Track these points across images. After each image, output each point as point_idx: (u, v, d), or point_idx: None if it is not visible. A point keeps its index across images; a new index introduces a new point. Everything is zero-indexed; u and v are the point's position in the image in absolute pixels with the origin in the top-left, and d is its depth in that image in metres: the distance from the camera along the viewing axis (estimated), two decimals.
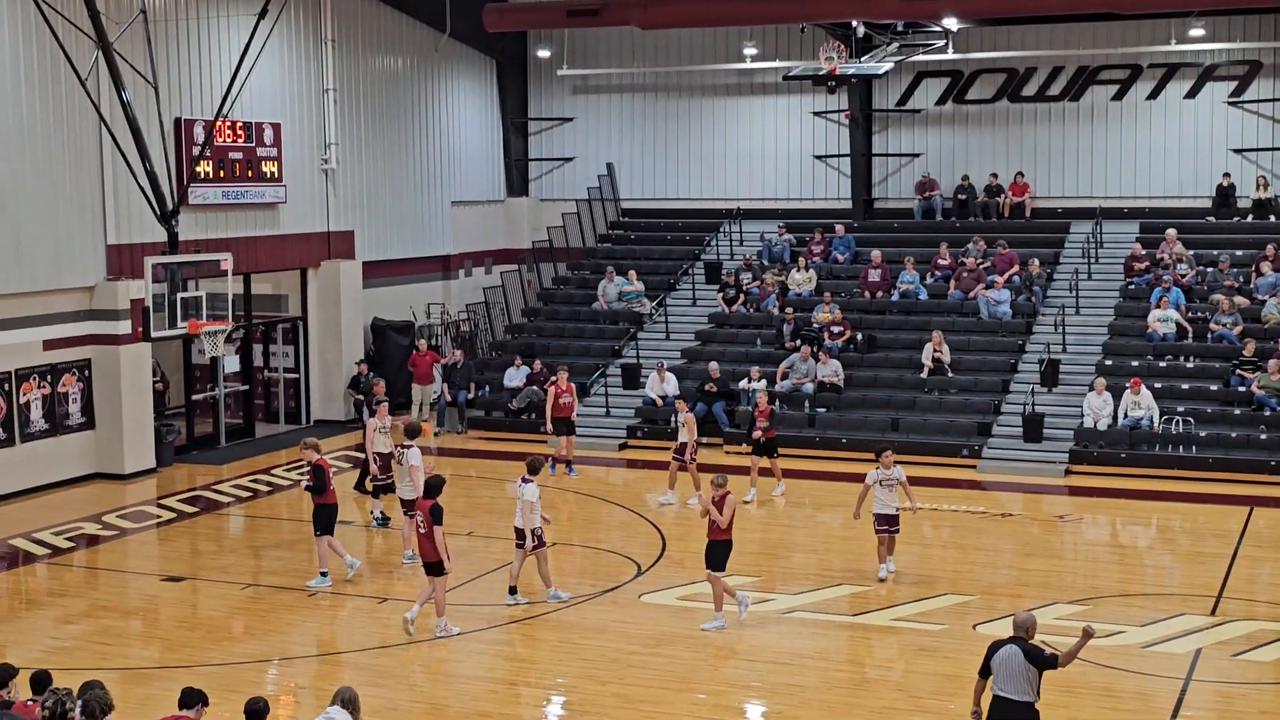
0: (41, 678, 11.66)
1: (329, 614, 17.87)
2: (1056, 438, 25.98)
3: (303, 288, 30.26)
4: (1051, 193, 33.00)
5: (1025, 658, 11.37)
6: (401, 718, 14.07)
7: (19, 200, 23.43)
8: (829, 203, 34.55)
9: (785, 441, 26.97)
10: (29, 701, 11.50)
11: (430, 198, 33.87)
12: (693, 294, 32.66)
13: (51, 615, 17.86)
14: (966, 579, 19.03)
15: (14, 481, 23.66)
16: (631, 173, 36.38)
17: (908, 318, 30.07)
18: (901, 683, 15.14)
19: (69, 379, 24.69)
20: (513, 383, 29.76)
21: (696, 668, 15.60)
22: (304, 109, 29.56)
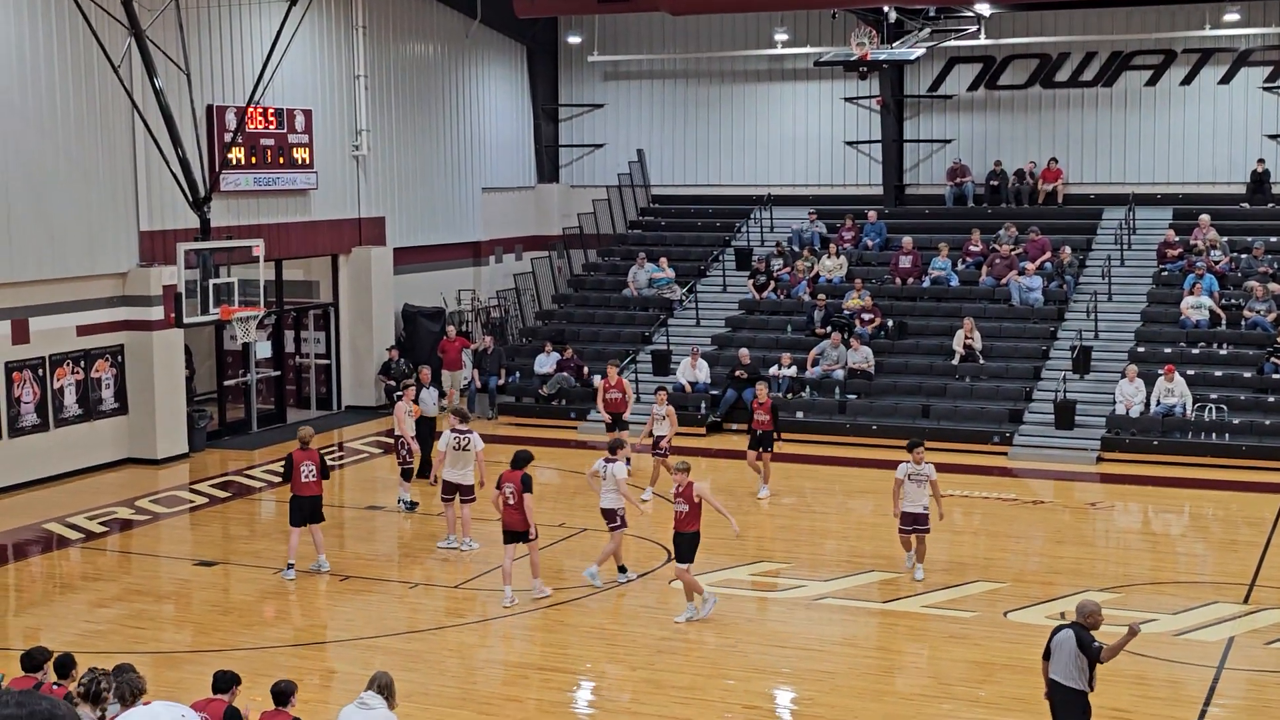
0: (65, 661, 11.73)
1: (361, 598, 17.93)
2: (1088, 425, 25.87)
3: (334, 274, 30.34)
4: (1084, 179, 32.84)
5: (1076, 644, 11.41)
6: (432, 702, 14.11)
7: (53, 187, 23.55)
8: (860, 189, 34.47)
9: (817, 428, 27.00)
10: (55, 685, 11.58)
11: (461, 184, 33.91)
12: (723, 280, 32.62)
13: (85, 599, 17.97)
14: (997, 566, 18.98)
15: (48, 466, 23.81)
16: (662, 159, 36.34)
17: (939, 304, 29.98)
18: (931, 669, 15.12)
19: (102, 365, 24.83)
20: (543, 369, 29.79)
21: (726, 654, 15.60)
22: (335, 95, 29.62)
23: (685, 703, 14.16)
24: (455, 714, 13.92)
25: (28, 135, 23.07)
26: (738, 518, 19.38)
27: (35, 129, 23.21)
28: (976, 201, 33.20)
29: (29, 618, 17.22)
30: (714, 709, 14.02)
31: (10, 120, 22.74)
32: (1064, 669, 11.47)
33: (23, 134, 22.98)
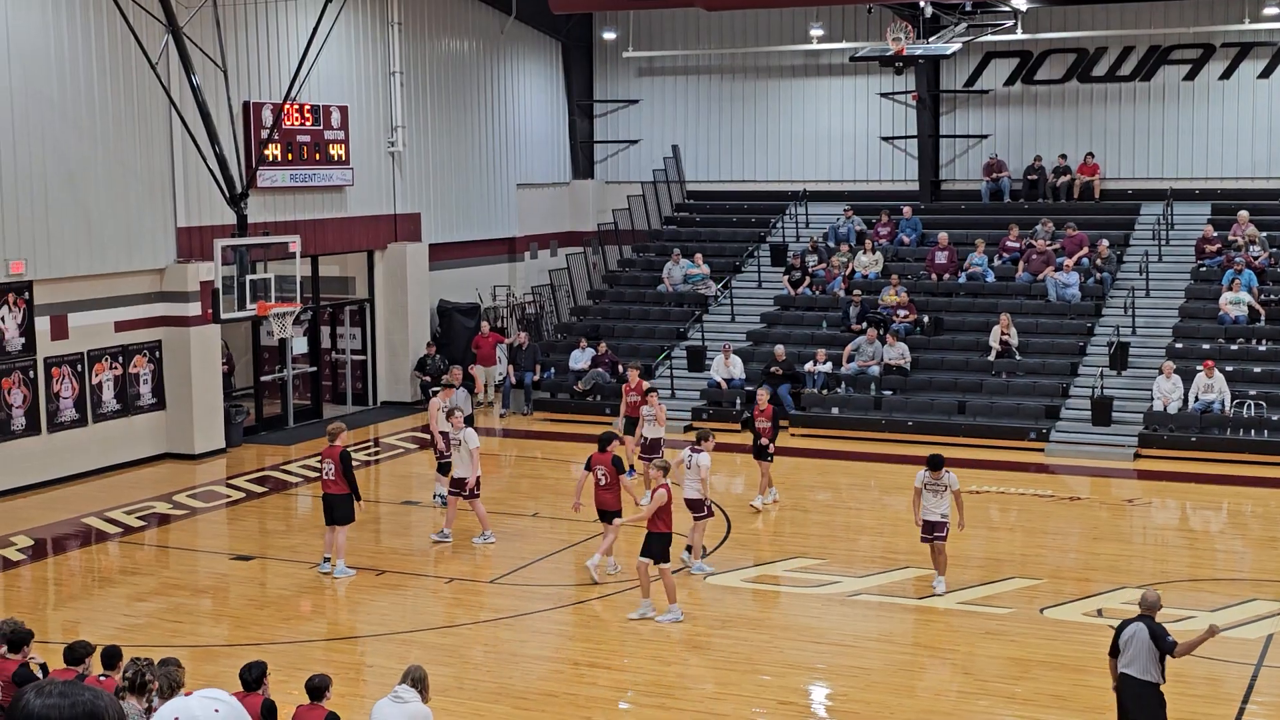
0: (113, 653, 11.84)
1: (396, 593, 17.99)
2: (1126, 421, 25.73)
3: (369, 270, 30.44)
4: (1122, 174, 32.65)
5: (1150, 637, 11.37)
6: (467, 697, 14.15)
7: (91, 183, 23.70)
8: (896, 184, 34.37)
9: (852, 424, 26.93)
10: (102, 676, 11.67)
11: (496, 180, 33.97)
12: (758, 276, 32.58)
13: (124, 593, 18.09)
14: (1034, 562, 18.90)
15: (87, 461, 23.97)
16: (697, 155, 36.32)
17: (975, 300, 29.87)
18: (967, 666, 15.06)
19: (140, 360, 24.97)
20: (578, 365, 29.82)
21: (761, 649, 15.58)
22: (371, 92, 29.71)
23: (719, 698, 14.15)
24: (490, 709, 13.95)
25: (66, 133, 23.22)
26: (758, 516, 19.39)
27: (74, 126, 23.36)
28: (1013, 197, 33.06)
29: (68, 611, 17.35)
30: (748, 704, 14.01)
31: (49, 118, 22.90)
32: (1140, 664, 11.42)
33: (61, 131, 23.13)
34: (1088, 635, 15.95)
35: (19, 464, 22.81)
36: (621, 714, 14.22)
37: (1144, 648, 11.43)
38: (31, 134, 22.59)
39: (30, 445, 23.03)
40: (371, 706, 11.02)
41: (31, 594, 18.21)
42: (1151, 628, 11.47)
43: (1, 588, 18.49)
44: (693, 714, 13.76)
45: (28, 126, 22.52)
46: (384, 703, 10.81)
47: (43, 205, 22.84)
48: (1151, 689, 11.46)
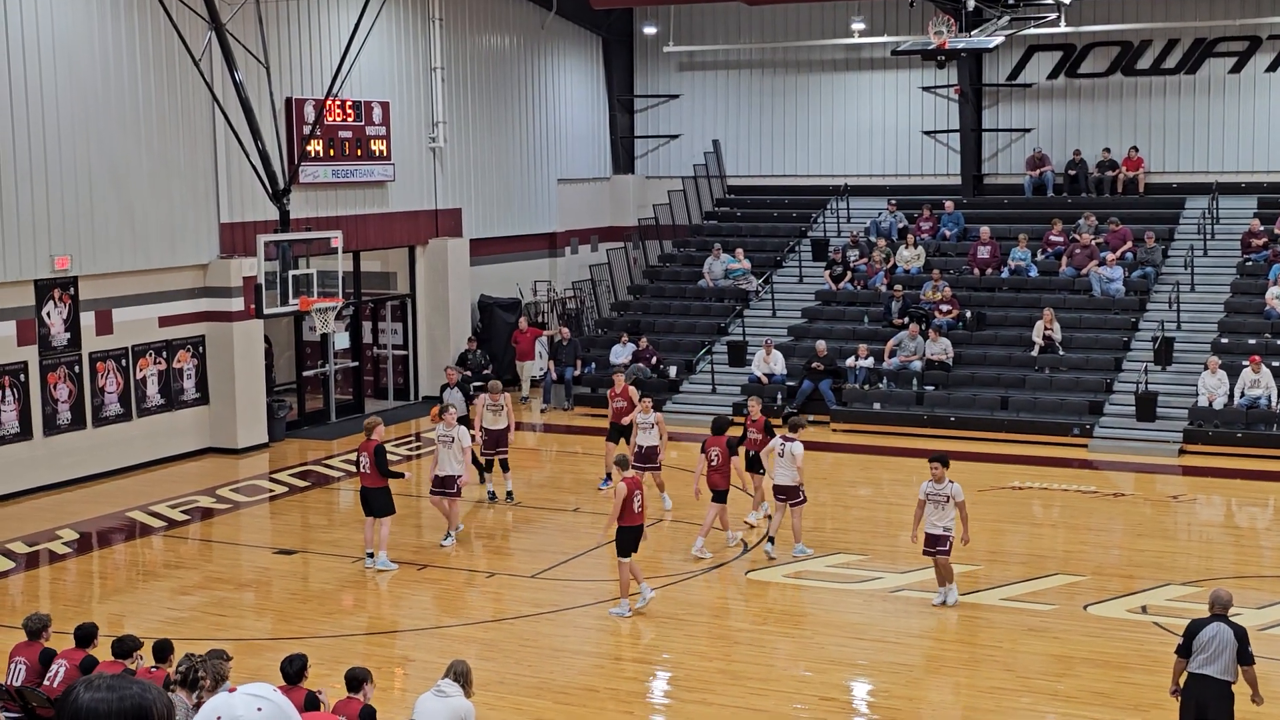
0: (164, 646, 11.96)
1: (438, 587, 18.04)
2: (1170, 417, 25.54)
3: (411, 265, 30.53)
4: (1166, 168, 32.40)
5: (1235, 639, 11.30)
6: (509, 691, 14.18)
7: (135, 180, 23.86)
8: (938, 179, 34.22)
9: (894, 419, 26.84)
10: (152, 669, 11.79)
11: (537, 175, 34.01)
12: (799, 271, 32.50)
13: (168, 587, 18.20)
14: (1077, 559, 18.79)
15: (131, 455, 24.14)
16: (738, 149, 36.26)
17: (1018, 295, 29.72)
18: (1009, 663, 14.99)
19: (184, 355, 25.13)
20: (618, 360, 29.82)
21: (803, 645, 15.55)
22: (412, 88, 29.79)
23: (761, 694, 14.13)
24: (532, 703, 13.97)
25: (111, 129, 23.38)
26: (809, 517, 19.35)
27: (118, 123, 23.52)
28: (1056, 191, 32.87)
29: (113, 604, 17.47)
30: (789, 700, 13.99)
31: (94, 114, 23.05)
32: (1222, 663, 11.34)
33: (106, 128, 23.28)
34: (1131, 632, 15.86)
35: (65, 458, 22.99)
36: (665, 709, 14.21)
37: (1228, 648, 11.32)
38: (77, 131, 22.76)
39: (76, 440, 23.21)
40: (414, 701, 11.06)
41: (77, 587, 18.36)
42: (1236, 631, 11.37)
43: (48, 581, 18.66)
44: (734, 710, 13.74)
45: (73, 124, 22.69)
46: (427, 697, 10.85)
47: (88, 202, 23.00)
48: (1228, 688, 11.39)
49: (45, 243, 22.37)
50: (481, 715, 11.62)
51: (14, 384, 22.21)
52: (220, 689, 10.95)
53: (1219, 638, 11.36)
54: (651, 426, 21.05)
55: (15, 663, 12.42)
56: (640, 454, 20.85)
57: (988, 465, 24.11)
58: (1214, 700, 11.47)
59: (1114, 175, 32.24)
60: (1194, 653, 11.47)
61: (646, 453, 20.97)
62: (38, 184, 22.18)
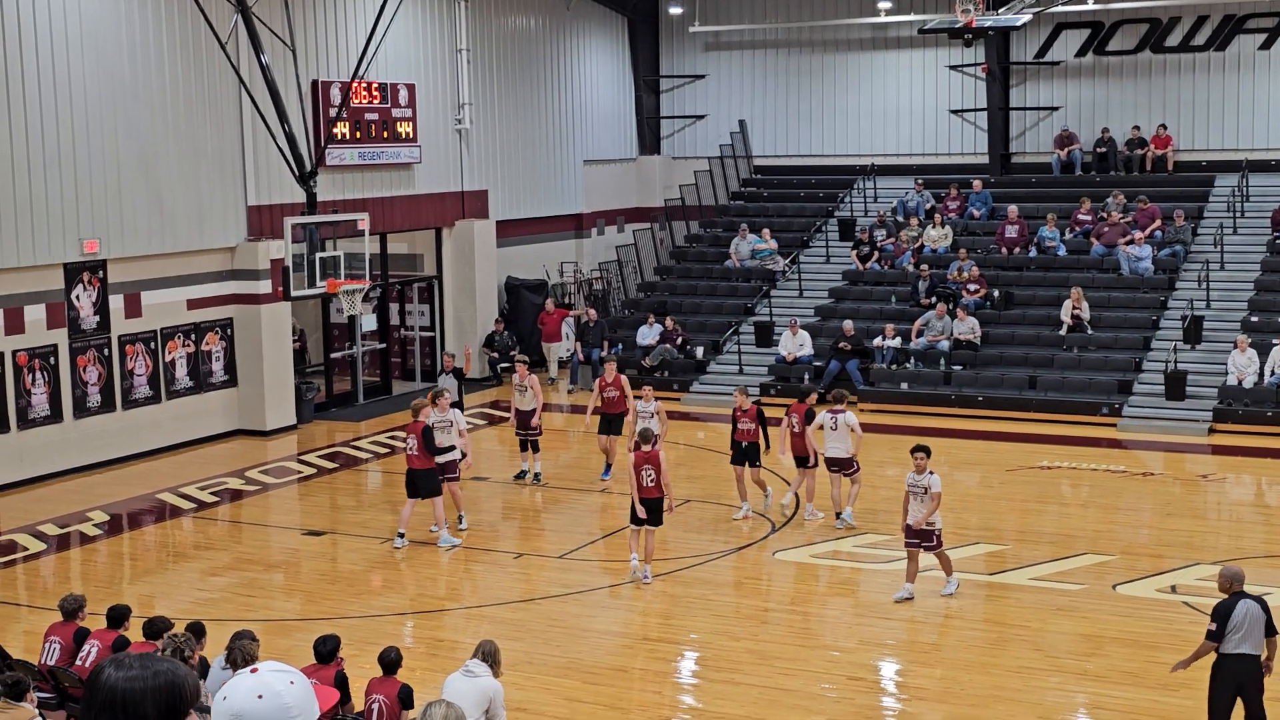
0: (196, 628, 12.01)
1: (466, 568, 18.09)
2: (1200, 396, 25.41)
3: (437, 247, 30.56)
4: (1195, 145, 32.19)
5: (1264, 612, 11.32)
6: (538, 671, 14.22)
7: (162, 163, 23.93)
8: (965, 158, 34.07)
9: (922, 399, 26.76)
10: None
11: (562, 156, 33.99)
12: (826, 251, 32.43)
13: (198, 568, 18.30)
14: (1106, 538, 18.72)
15: (161, 438, 24.26)
16: (764, 129, 36.16)
17: (1046, 274, 29.58)
18: (1038, 642, 14.96)
19: (212, 338, 25.22)
20: (645, 341, 29.83)
21: (831, 625, 15.56)
22: (438, 70, 29.79)
23: (789, 674, 14.14)
24: (560, 683, 14.01)
25: (139, 113, 23.45)
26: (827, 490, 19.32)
27: (145, 106, 23.58)
28: (1084, 169, 32.69)
29: (144, 585, 17.58)
30: (818, 680, 13.99)
31: (121, 98, 23.12)
32: (1254, 639, 11.36)
33: (133, 111, 23.35)
34: (1160, 612, 15.82)
35: (95, 440, 23.12)
36: (693, 689, 14.24)
37: (1259, 624, 11.31)
38: (104, 115, 22.83)
39: (105, 422, 23.33)
40: (443, 680, 11.10)
41: (108, 568, 18.48)
42: (1260, 604, 11.38)
43: (79, 562, 18.78)
44: (761, 689, 13.75)
45: (101, 108, 22.77)
46: (455, 676, 10.89)
47: (116, 185, 23.09)
48: (1260, 663, 11.40)
49: (74, 226, 22.47)
50: (510, 695, 11.66)
51: (44, 367, 22.33)
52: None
53: (1249, 614, 11.34)
54: (652, 415, 20.10)
55: (50, 642, 12.56)
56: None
57: (1016, 445, 24.06)
58: (1248, 677, 11.47)
59: (1143, 153, 32.05)
60: (1228, 634, 11.42)
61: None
62: (66, 168, 22.27)
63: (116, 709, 3.51)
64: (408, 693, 10.97)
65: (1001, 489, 21.51)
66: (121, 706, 3.52)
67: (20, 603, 17.11)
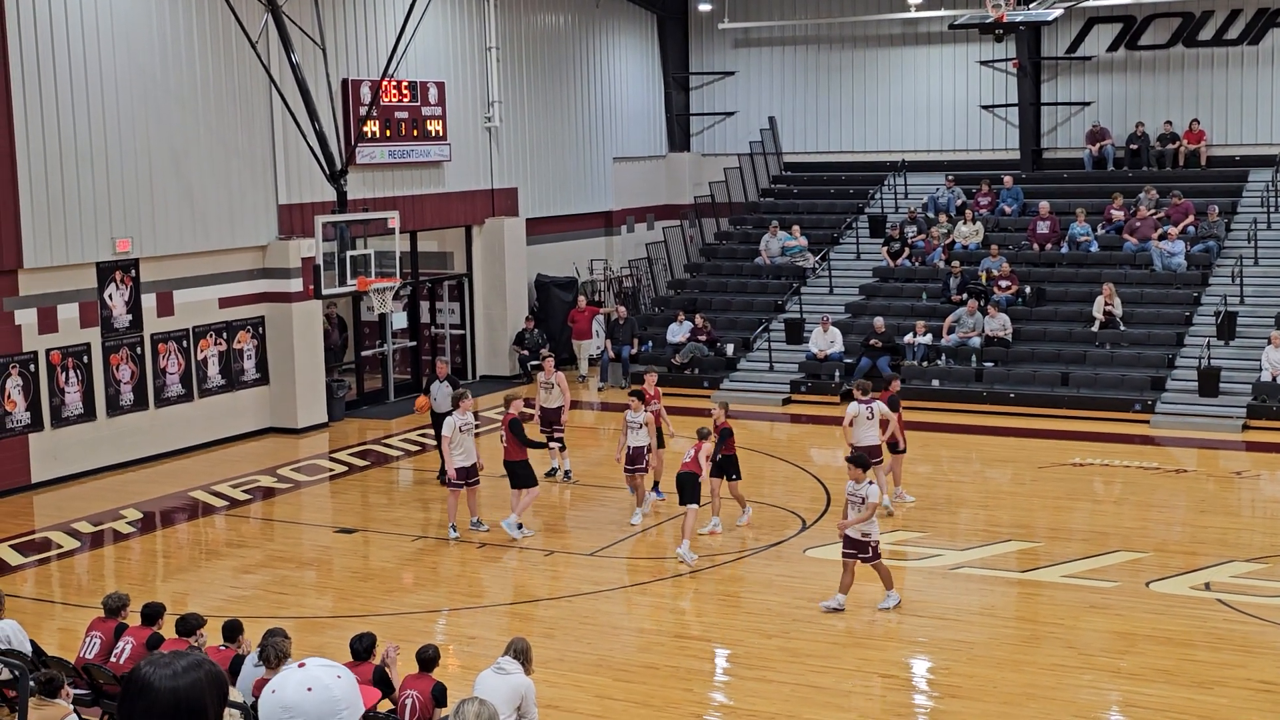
0: (233, 626, 12.14)
1: (497, 566, 18.11)
2: (1234, 392, 25.26)
3: (467, 245, 30.61)
4: (1229, 140, 31.98)
5: None
6: (569, 669, 14.22)
7: (194, 162, 24.03)
8: (996, 153, 33.93)
9: (953, 396, 26.66)
10: (221, 647, 11.95)
11: (592, 154, 34.00)
12: (857, 248, 32.35)
13: (230, 565, 18.37)
14: (1139, 536, 18.62)
15: (193, 436, 24.36)
16: (794, 126, 36.09)
17: (1078, 270, 29.45)
18: (1071, 640, 14.88)
19: (244, 336, 25.31)
20: (675, 338, 29.82)
21: (862, 623, 15.51)
22: (467, 68, 29.83)
23: (821, 671, 14.11)
24: (591, 680, 14.01)
25: (170, 111, 23.55)
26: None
27: (177, 105, 23.68)
28: (1117, 165, 32.52)
29: (177, 583, 17.65)
30: (849, 677, 13.96)
31: (153, 97, 23.23)
32: None
33: (165, 110, 23.45)
34: (1194, 609, 15.73)
35: (128, 439, 23.24)
36: (724, 687, 14.22)
37: None
38: (136, 115, 22.94)
39: (138, 420, 23.45)
40: (474, 678, 11.11)
41: (141, 566, 18.56)
42: None
43: (113, 560, 18.88)
44: (793, 686, 13.73)
45: (132, 107, 22.87)
46: (487, 674, 10.90)
47: (148, 184, 23.20)
48: None
49: (106, 225, 22.58)
50: (542, 692, 11.66)
51: (77, 365, 22.45)
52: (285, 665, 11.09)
53: None
54: (640, 427, 19.47)
55: (91, 636, 12.67)
56: (628, 456, 19.53)
57: (1048, 441, 23.96)
58: None
59: (1175, 148, 31.86)
60: None
61: (633, 455, 19.48)
62: (99, 167, 22.39)
63: (182, 711, 3.58)
64: (441, 690, 10.99)
65: (1034, 486, 21.42)
66: (186, 707, 3.58)
67: (55, 600, 17.21)
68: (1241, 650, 14.37)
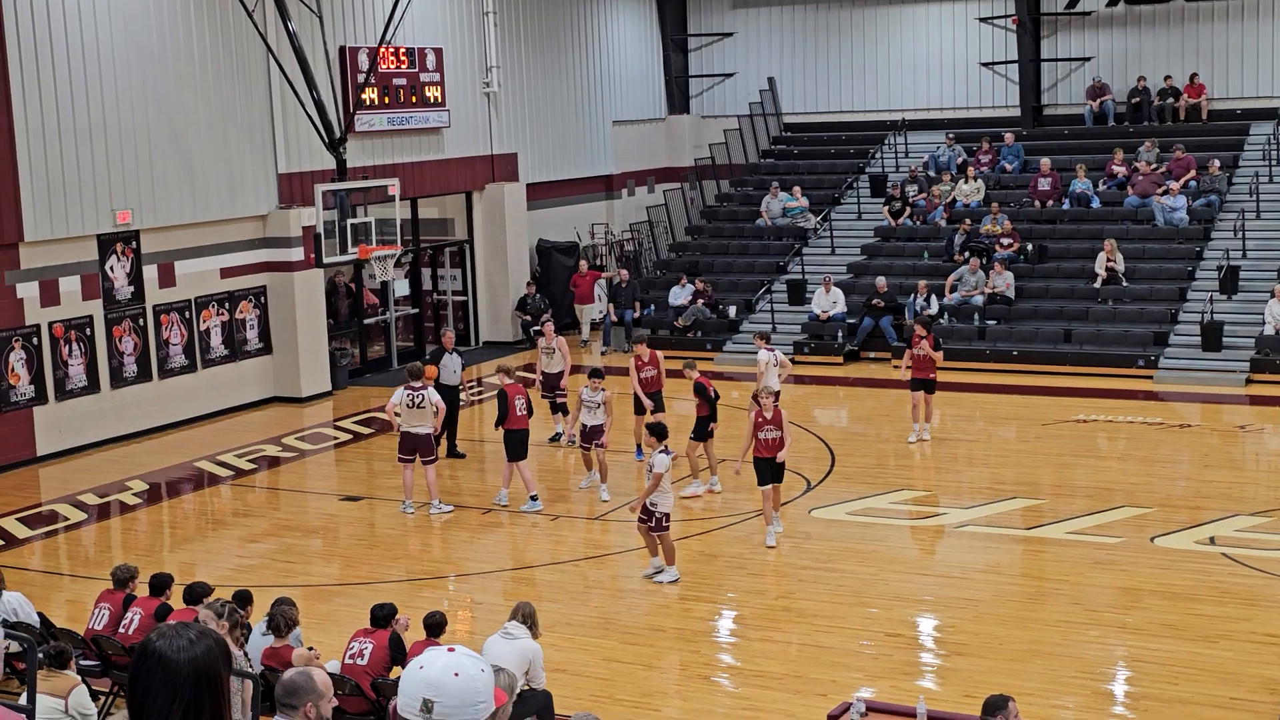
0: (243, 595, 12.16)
1: (502, 531, 18.15)
2: (1236, 346, 25.24)
3: (468, 211, 30.56)
4: (1230, 94, 31.85)
5: None
6: (576, 632, 14.27)
7: (193, 133, 23.97)
8: (996, 111, 33.81)
9: (956, 355, 26.63)
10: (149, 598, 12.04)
11: (591, 118, 33.90)
12: (858, 208, 32.28)
13: (236, 534, 18.43)
14: (1143, 491, 18.65)
15: (197, 406, 24.39)
16: (793, 86, 35.97)
17: (1079, 226, 29.38)
18: (1076, 596, 14.93)
19: (246, 306, 25.30)
20: (677, 301, 29.81)
21: (868, 582, 15.55)
22: (465, 33, 29.72)
23: (826, 630, 14.16)
24: (598, 643, 14.06)
25: (168, 84, 23.48)
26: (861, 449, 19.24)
27: (174, 76, 23.61)
28: (1117, 120, 32.41)
29: (184, 553, 17.71)
30: (855, 637, 14.01)
31: (150, 69, 23.16)
32: None
33: (162, 81, 23.39)
34: (1200, 564, 15.77)
35: (132, 410, 23.27)
36: (729, 648, 14.27)
37: None
38: (134, 86, 22.88)
39: (142, 392, 23.47)
40: (482, 643, 11.16)
41: (148, 537, 18.62)
42: None
43: (119, 531, 18.94)
44: (799, 646, 13.78)
45: (130, 79, 22.81)
46: (495, 639, 10.95)
47: (147, 156, 23.16)
48: None
49: (106, 197, 22.55)
50: (549, 656, 11.72)
51: (80, 338, 22.46)
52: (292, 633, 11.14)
53: None
54: (598, 406, 18.98)
55: (100, 608, 12.73)
56: (583, 433, 19.18)
57: (1052, 399, 23.96)
58: None
59: (1176, 103, 31.74)
60: None
61: (590, 432, 19.05)
62: (97, 139, 22.34)
63: (202, 679, 3.62)
64: None
65: (1038, 443, 21.44)
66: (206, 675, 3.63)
67: (63, 572, 17.27)
68: (1247, 604, 14.41)
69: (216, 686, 3.65)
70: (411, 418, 18.56)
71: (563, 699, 11.90)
